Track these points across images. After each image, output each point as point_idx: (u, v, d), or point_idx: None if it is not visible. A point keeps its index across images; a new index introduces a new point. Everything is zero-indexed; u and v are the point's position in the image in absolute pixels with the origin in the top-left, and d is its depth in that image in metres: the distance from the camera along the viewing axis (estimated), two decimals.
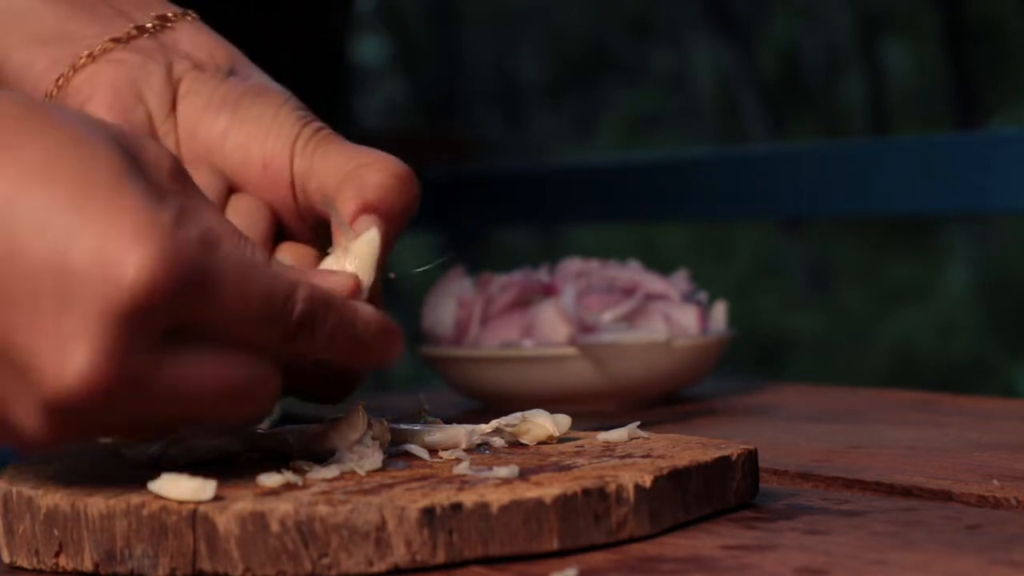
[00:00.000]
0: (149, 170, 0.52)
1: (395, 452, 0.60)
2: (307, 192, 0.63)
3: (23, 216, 0.48)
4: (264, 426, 0.60)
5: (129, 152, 0.51)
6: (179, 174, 0.53)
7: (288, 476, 0.54)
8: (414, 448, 0.60)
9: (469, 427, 0.61)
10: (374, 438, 0.58)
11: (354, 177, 0.61)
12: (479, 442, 0.61)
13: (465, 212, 2.07)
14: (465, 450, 0.60)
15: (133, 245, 0.48)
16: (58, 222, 0.48)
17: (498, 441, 0.61)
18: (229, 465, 0.57)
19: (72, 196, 0.48)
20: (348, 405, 0.59)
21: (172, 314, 0.49)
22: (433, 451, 0.60)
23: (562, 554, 0.52)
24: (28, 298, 0.48)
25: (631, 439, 0.62)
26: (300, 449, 0.58)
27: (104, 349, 0.48)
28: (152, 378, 0.49)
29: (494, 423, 0.62)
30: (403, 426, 0.61)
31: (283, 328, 0.52)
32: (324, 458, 0.57)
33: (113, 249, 0.48)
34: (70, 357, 0.47)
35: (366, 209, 0.61)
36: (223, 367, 0.51)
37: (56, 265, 0.48)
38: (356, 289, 0.56)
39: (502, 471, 0.54)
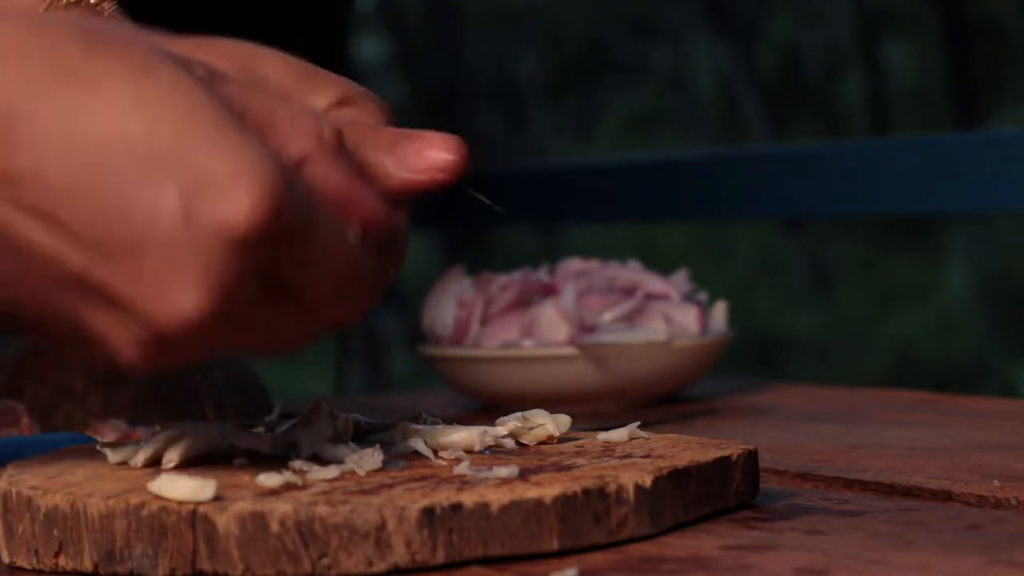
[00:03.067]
0: (221, 91, 0.51)
1: (396, 452, 0.60)
2: None
3: (126, 163, 0.48)
4: (261, 428, 0.60)
5: (194, 74, 0.50)
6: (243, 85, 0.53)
7: (288, 476, 0.54)
8: (420, 447, 0.59)
9: (482, 428, 0.61)
10: (335, 435, 0.58)
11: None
12: (492, 444, 0.61)
13: (465, 212, 2.07)
14: (464, 450, 0.60)
15: (247, 182, 0.48)
16: (166, 164, 0.48)
17: (509, 442, 0.61)
18: (229, 465, 0.57)
19: (177, 136, 0.48)
20: (314, 402, 0.59)
21: (273, 250, 0.49)
22: (434, 451, 0.60)
23: (562, 554, 0.52)
24: (130, 245, 0.48)
25: (631, 439, 0.62)
26: (273, 447, 0.58)
27: (215, 284, 0.48)
28: (251, 318, 0.50)
29: (509, 424, 0.61)
30: (416, 426, 0.61)
31: (349, 310, 0.53)
32: (295, 455, 0.57)
33: (228, 185, 0.48)
34: (180, 295, 0.48)
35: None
36: (301, 322, 0.52)
37: (167, 213, 0.47)
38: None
39: (502, 471, 0.54)
